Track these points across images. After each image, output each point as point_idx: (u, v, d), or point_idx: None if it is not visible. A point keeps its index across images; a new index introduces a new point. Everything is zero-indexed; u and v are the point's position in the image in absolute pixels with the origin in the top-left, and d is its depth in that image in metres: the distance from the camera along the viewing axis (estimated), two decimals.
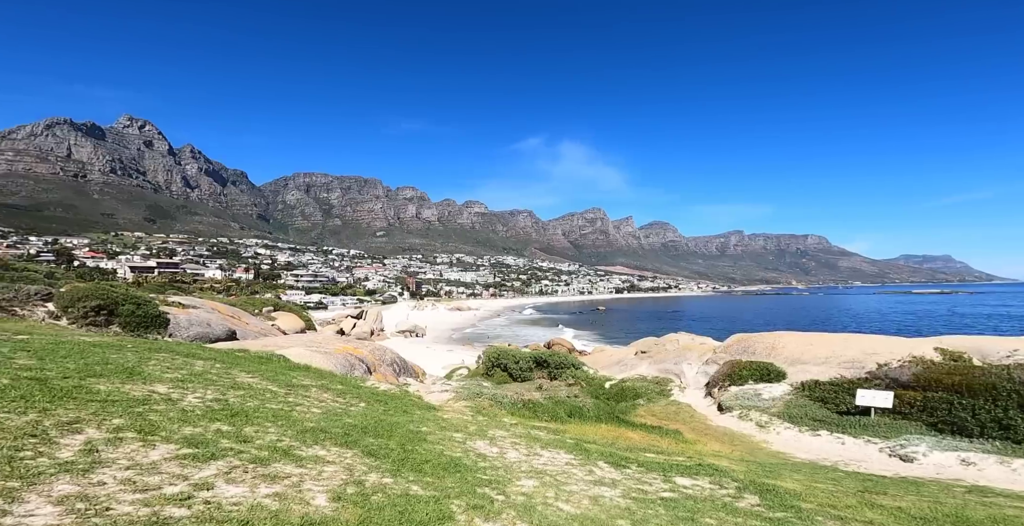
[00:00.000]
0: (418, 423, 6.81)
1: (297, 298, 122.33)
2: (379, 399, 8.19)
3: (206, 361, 8.23)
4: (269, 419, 5.10)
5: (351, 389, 8.52)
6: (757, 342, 19.14)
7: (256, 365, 9.15)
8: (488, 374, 24.94)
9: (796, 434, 11.37)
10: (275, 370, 8.81)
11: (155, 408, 4.59)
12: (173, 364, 7.26)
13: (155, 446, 3.60)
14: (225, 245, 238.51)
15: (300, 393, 7.13)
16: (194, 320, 24.10)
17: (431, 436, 6.08)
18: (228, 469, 3.42)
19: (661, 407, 16.10)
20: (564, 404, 14.37)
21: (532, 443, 6.60)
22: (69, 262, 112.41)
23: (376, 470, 4.07)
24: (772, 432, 11.69)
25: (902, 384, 14.94)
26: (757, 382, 16.03)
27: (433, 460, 4.78)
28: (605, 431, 8.66)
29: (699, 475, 5.86)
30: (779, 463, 8.43)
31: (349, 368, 14.31)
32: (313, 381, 8.42)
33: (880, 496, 5.85)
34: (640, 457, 6.62)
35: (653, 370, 23.44)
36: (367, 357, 16.93)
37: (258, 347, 14.39)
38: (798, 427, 11.64)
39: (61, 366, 5.61)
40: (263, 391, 6.63)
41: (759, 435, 11.61)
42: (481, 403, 9.70)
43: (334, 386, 8.43)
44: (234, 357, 9.90)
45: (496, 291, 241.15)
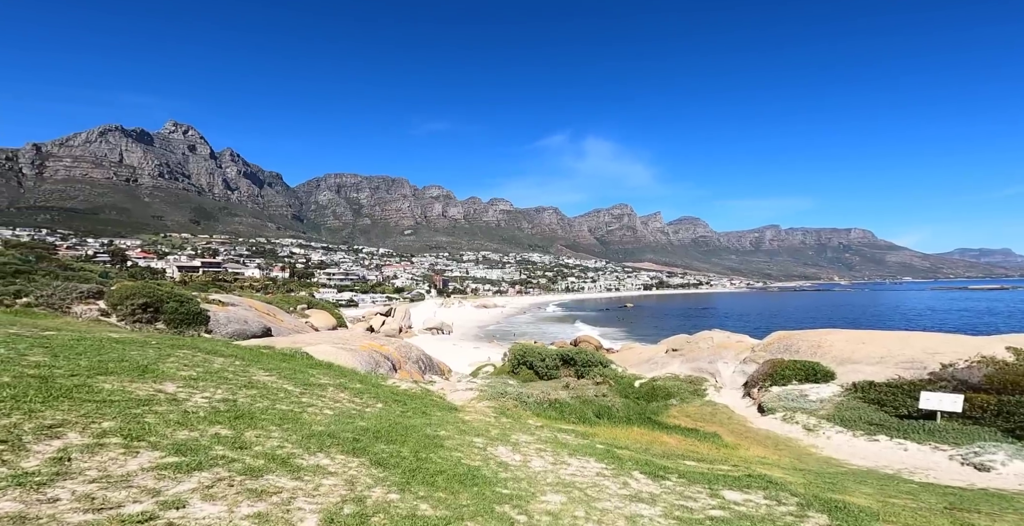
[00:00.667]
0: (436, 426, 6.41)
1: (329, 296, 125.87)
2: (398, 399, 7.86)
3: (227, 358, 8.10)
4: (276, 422, 4.79)
5: (370, 388, 8.23)
6: (801, 340, 17.90)
7: (277, 362, 8.99)
8: (514, 372, 24.55)
9: (849, 439, 10.37)
10: (295, 368, 8.61)
11: (155, 409, 4.34)
12: (192, 361, 7.12)
13: (137, 454, 3.29)
14: (263, 245, 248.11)
15: (316, 393, 6.85)
16: (232, 317, 24.78)
17: (449, 441, 5.65)
18: (211, 482, 3.05)
19: (696, 408, 15.22)
20: (592, 404, 13.75)
21: (559, 449, 6.07)
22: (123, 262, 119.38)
23: (382, 483, 3.65)
24: (821, 436, 10.72)
25: (972, 386, 13.56)
26: (802, 382, 14.95)
27: (448, 470, 4.33)
28: (638, 435, 8.01)
29: (751, 488, 5.16)
30: (837, 472, 7.55)
31: (374, 365, 14.13)
32: (332, 380, 8.17)
33: (972, 514, 5.01)
34: (680, 466, 5.98)
35: (686, 369, 22.45)
36: (393, 354, 16.76)
37: (286, 344, 14.41)
38: (851, 431, 10.63)
39: (72, 363, 5.49)
40: (277, 390, 6.39)
41: (807, 439, 10.66)
42: (505, 403, 9.23)
43: (353, 385, 8.14)
44: (257, 354, 9.81)
45: (522, 288, 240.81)
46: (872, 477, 7.40)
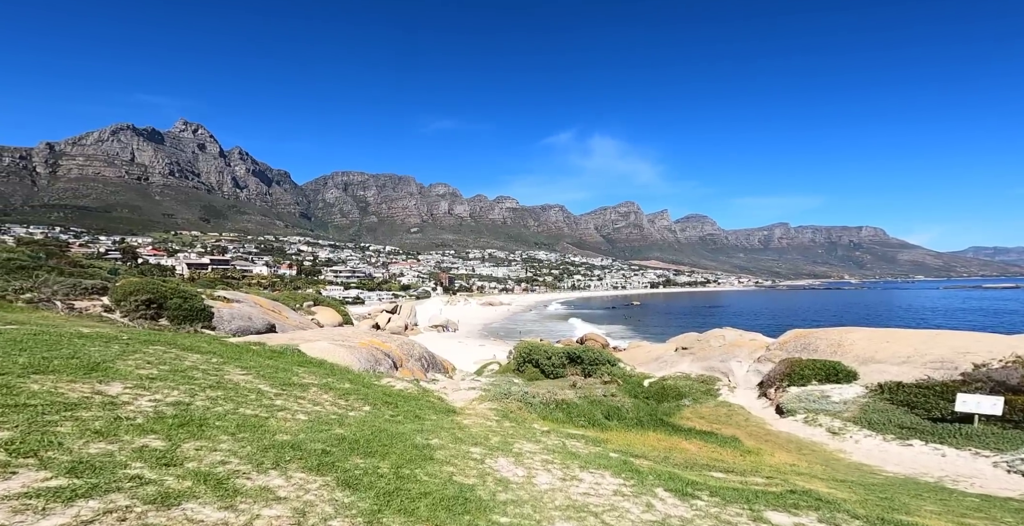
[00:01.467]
0: (429, 433, 5.66)
1: (336, 293, 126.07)
2: (389, 401, 7.15)
3: (204, 355, 7.42)
4: (231, 430, 4.05)
5: (360, 388, 7.48)
6: (819, 338, 16.96)
7: (261, 360, 8.30)
8: (519, 370, 23.87)
9: (880, 443, 9.51)
10: (279, 366, 7.90)
11: (80, 415, 3.61)
12: (159, 358, 6.42)
13: (15, 474, 2.53)
14: (271, 243, 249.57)
15: (294, 394, 6.13)
16: (236, 314, 24.34)
17: (441, 452, 4.90)
18: (92, 517, 2.26)
19: (710, 409, 14.38)
20: (601, 404, 12.97)
21: (569, 461, 5.28)
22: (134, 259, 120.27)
23: (345, 512, 2.87)
24: (848, 440, 9.86)
25: (1011, 388, 12.61)
26: (822, 383, 14.06)
27: (436, 492, 3.56)
28: (654, 440, 7.21)
29: (799, 508, 4.33)
30: (885, 483, 6.69)
31: (373, 363, 13.44)
32: (317, 379, 7.44)
33: None
34: (708, 479, 5.18)
35: (697, 368, 21.62)
36: (394, 352, 16.08)
37: (284, 340, 13.76)
38: (881, 435, 9.76)
39: (9, 360, 4.80)
40: (248, 392, 5.67)
41: (833, 443, 9.81)
42: (509, 405, 8.47)
43: (340, 385, 7.41)
44: (242, 350, 9.13)
45: (528, 286, 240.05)
46: (924, 489, 6.54)
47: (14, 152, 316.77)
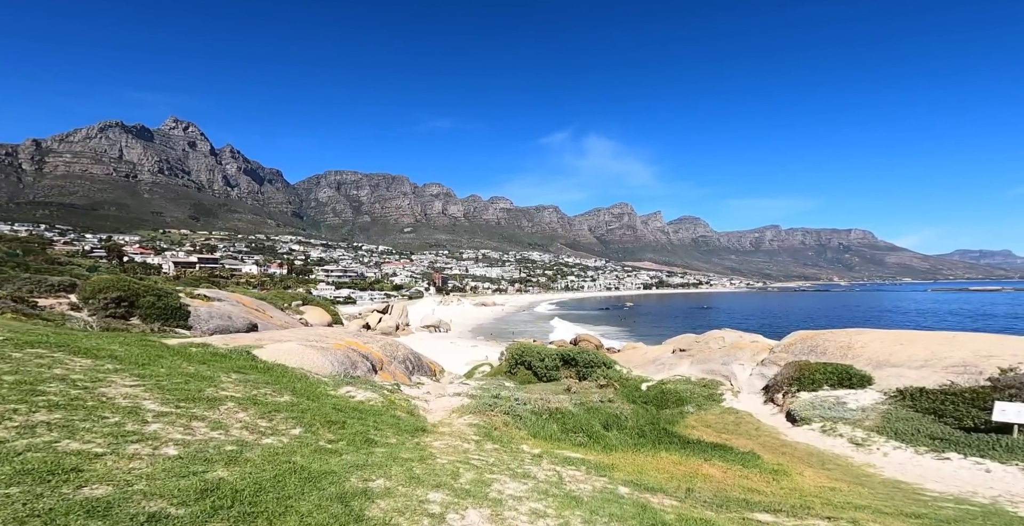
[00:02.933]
0: (374, 469, 4.34)
1: (327, 293, 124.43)
2: (335, 420, 5.78)
3: (98, 360, 6.27)
4: (19, 477, 2.83)
5: (301, 402, 6.32)
6: (827, 340, 16.18)
7: (184, 365, 7.04)
8: (511, 372, 22.92)
9: (912, 456, 8.64)
10: (200, 374, 6.69)
11: None
12: (19, 366, 5.37)
13: None
14: (262, 242, 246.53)
15: (191, 414, 4.95)
16: (215, 313, 23.26)
17: (382, 504, 3.53)
18: None
19: (715, 416, 13.50)
20: (599, 412, 12.02)
21: (568, 511, 4.08)
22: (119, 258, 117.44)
23: None
24: (876, 452, 8.99)
25: None
26: (835, 387, 13.26)
27: None
28: (669, 463, 6.20)
29: None
30: (956, 516, 5.61)
31: (348, 366, 12.37)
32: (246, 390, 6.29)
33: None
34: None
35: (696, 371, 20.81)
36: (374, 353, 15.00)
37: (249, 341, 12.65)
38: (912, 446, 8.91)
39: None
40: (115, 412, 4.53)
41: (858, 456, 8.94)
42: (493, 420, 7.41)
43: (275, 398, 6.22)
44: (171, 353, 7.88)
45: (522, 287, 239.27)
46: (996, 519, 5.56)
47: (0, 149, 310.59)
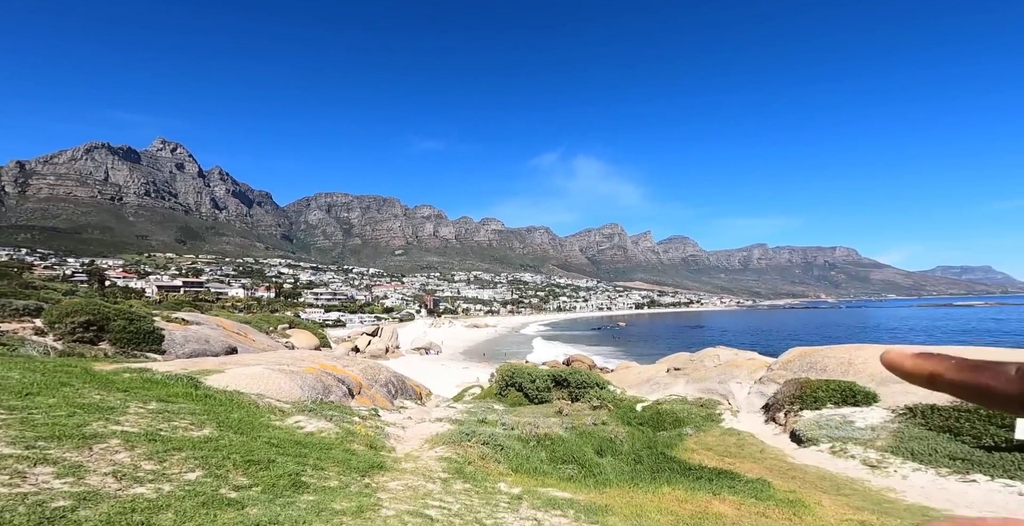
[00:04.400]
0: None
1: (316, 316, 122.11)
2: (258, 458, 4.61)
3: None
4: None
5: (225, 435, 5.26)
6: (827, 357, 15.66)
7: (110, 392, 6.14)
8: (501, 394, 22.00)
9: (934, 478, 7.97)
10: (108, 405, 5.64)
11: None
12: None
13: None
14: (250, 265, 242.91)
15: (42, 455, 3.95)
16: (191, 336, 22.29)
17: None
18: None
19: (716, 437, 12.73)
20: (591, 436, 11.21)
21: None
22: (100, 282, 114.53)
23: None
24: (894, 475, 8.31)
25: None
26: (839, 405, 12.64)
27: None
28: (673, 501, 5.36)
29: None
30: None
31: (321, 391, 11.52)
32: (156, 423, 5.26)
33: None
34: None
35: (692, 390, 20.10)
36: (351, 377, 14.12)
37: (210, 365, 11.78)
38: (933, 468, 8.25)
39: None
40: None
41: (875, 479, 8.25)
42: (469, 453, 6.46)
43: (191, 432, 5.24)
44: (97, 379, 6.90)
45: (514, 308, 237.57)
46: None
47: None
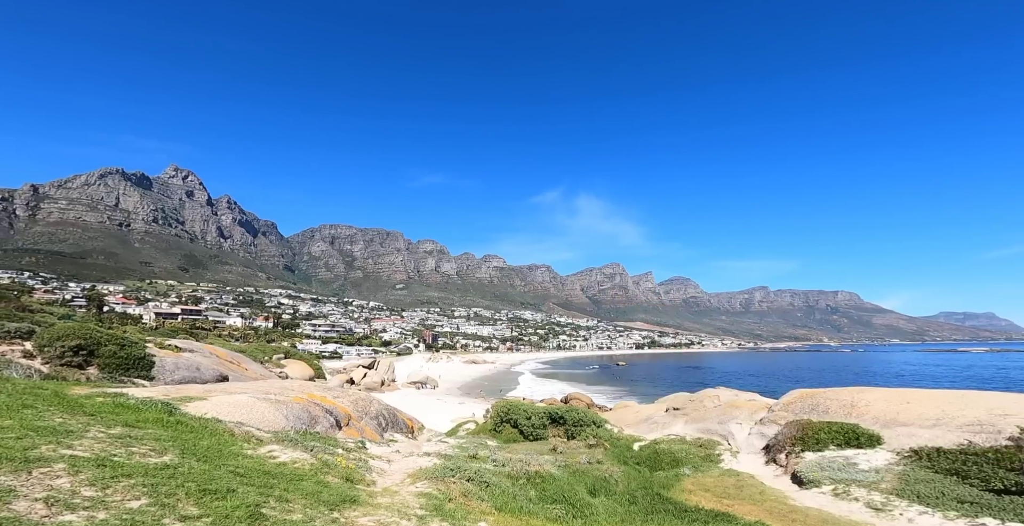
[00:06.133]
0: None
1: (313, 347, 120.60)
2: (216, 488, 4.28)
3: None
4: None
5: (186, 463, 4.92)
6: (829, 399, 15.35)
7: (75, 416, 5.89)
8: (496, 430, 21.39)
9: (942, 522, 7.64)
10: (66, 429, 5.37)
11: None
12: None
13: None
14: (251, 294, 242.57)
15: None
16: (181, 364, 22.10)
17: None
18: None
19: (714, 478, 12.25)
20: (585, 475, 10.79)
21: None
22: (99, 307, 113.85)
23: None
24: (900, 518, 7.95)
25: None
26: (841, 447, 12.29)
27: None
28: None
29: None
30: None
31: (307, 421, 11.31)
32: (112, 448, 4.95)
33: None
34: None
35: (691, 430, 19.52)
36: (339, 408, 13.89)
37: (194, 392, 11.69)
38: (940, 511, 7.92)
39: None
40: None
41: (880, 523, 7.89)
42: (451, 489, 6.07)
43: (149, 458, 4.90)
44: (65, 402, 6.39)
45: (513, 345, 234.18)
46: None
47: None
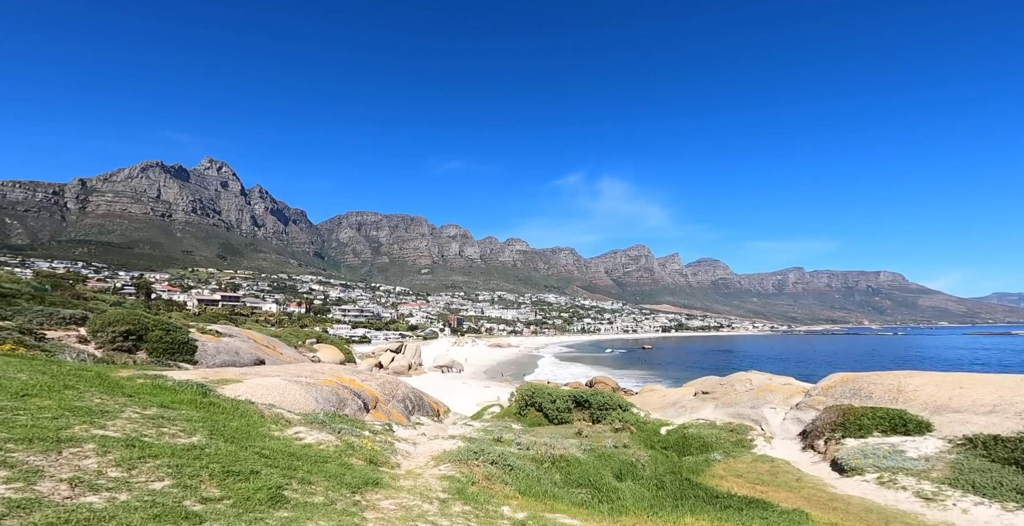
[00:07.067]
0: None
1: (343, 332, 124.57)
2: (240, 469, 4.31)
3: None
4: None
5: (213, 444, 4.97)
6: (873, 383, 14.53)
7: (114, 397, 6.05)
8: (521, 413, 21.45)
9: (1000, 514, 7.10)
10: (103, 409, 5.47)
11: None
12: None
13: None
14: (284, 281, 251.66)
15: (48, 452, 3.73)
16: (222, 348, 23.11)
17: None
18: None
19: (747, 464, 11.85)
20: (611, 460, 10.58)
21: None
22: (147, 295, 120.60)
23: None
24: (952, 509, 7.44)
25: None
26: (887, 434, 11.64)
27: None
28: None
29: None
30: None
31: (336, 403, 11.52)
32: (144, 428, 5.03)
33: None
34: None
35: (721, 414, 19.01)
36: (367, 391, 14.09)
37: (231, 375, 12.06)
38: (998, 502, 7.37)
39: None
40: None
41: (931, 514, 7.39)
42: (475, 472, 5.95)
43: (178, 439, 4.98)
44: (107, 383, 6.69)
45: (537, 329, 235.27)
46: None
47: (47, 187, 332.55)
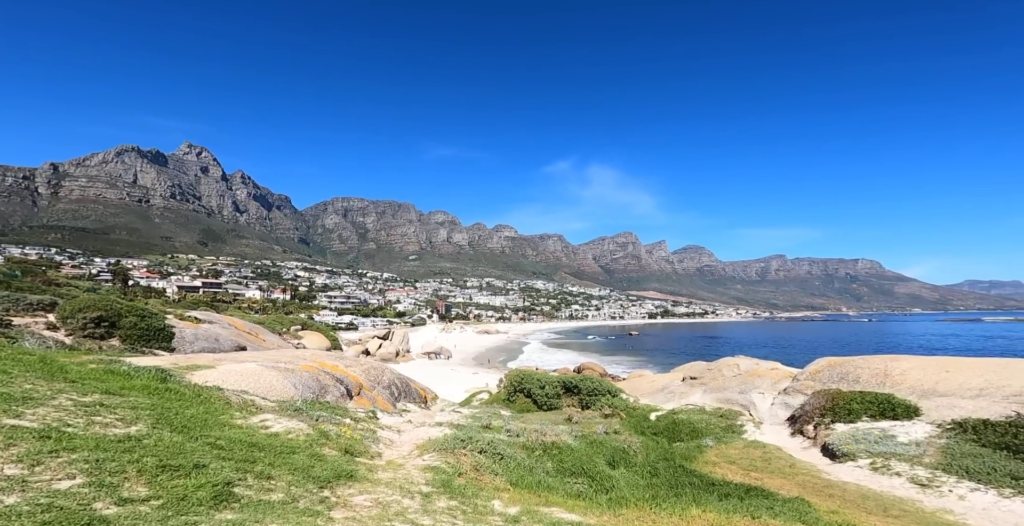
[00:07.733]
0: None
1: (330, 319, 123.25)
2: (182, 463, 3.81)
3: None
4: None
5: (156, 434, 4.44)
6: (860, 367, 14.60)
7: (49, 382, 5.46)
8: (509, 400, 21.32)
9: (996, 500, 7.06)
10: (28, 396, 4.91)
11: None
12: None
13: None
14: (268, 267, 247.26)
15: None
16: (200, 334, 22.29)
17: None
18: None
19: (739, 450, 11.83)
20: (602, 446, 10.41)
21: None
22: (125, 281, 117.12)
23: None
24: (948, 495, 7.39)
25: None
26: (876, 419, 11.69)
27: None
28: None
29: None
30: None
31: (317, 390, 11.02)
32: (71, 417, 4.44)
33: None
34: None
35: (710, 399, 19.11)
36: (351, 377, 13.63)
37: (205, 361, 11.44)
38: (994, 488, 7.34)
39: None
40: None
41: (927, 500, 7.33)
42: (461, 462, 5.53)
43: (111, 429, 4.34)
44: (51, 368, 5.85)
45: (525, 315, 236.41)
46: None
47: (17, 172, 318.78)
